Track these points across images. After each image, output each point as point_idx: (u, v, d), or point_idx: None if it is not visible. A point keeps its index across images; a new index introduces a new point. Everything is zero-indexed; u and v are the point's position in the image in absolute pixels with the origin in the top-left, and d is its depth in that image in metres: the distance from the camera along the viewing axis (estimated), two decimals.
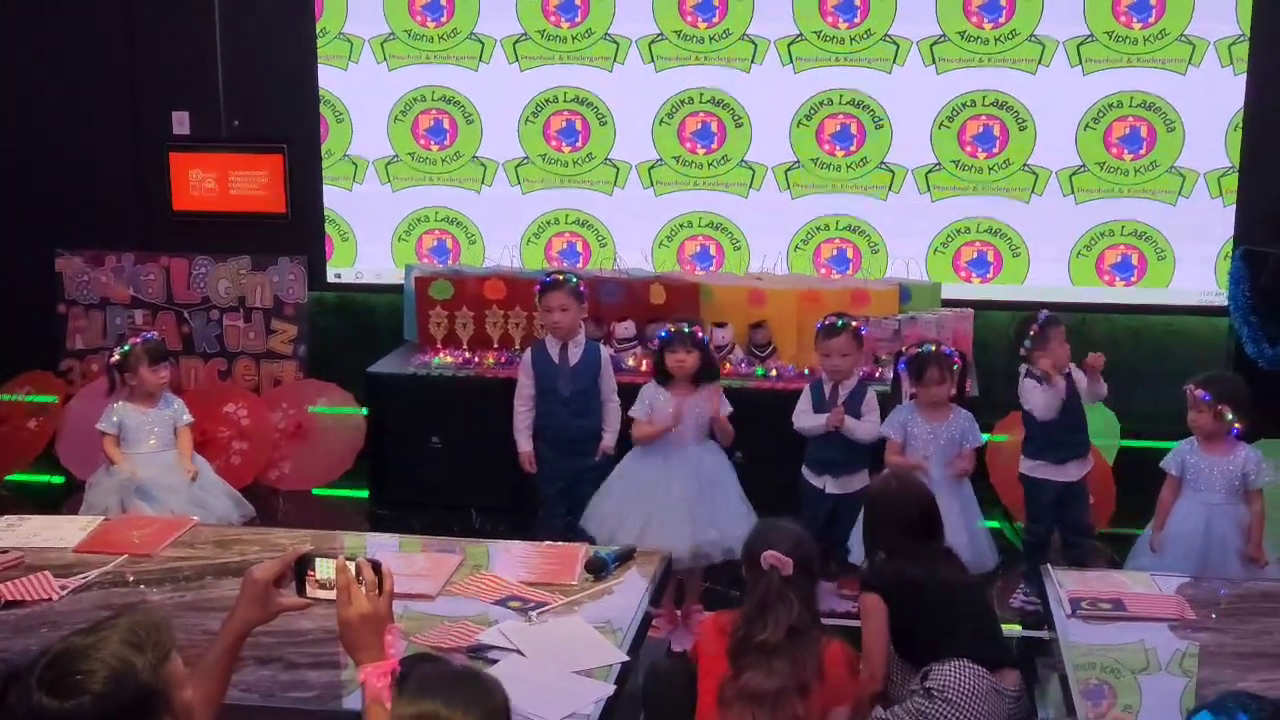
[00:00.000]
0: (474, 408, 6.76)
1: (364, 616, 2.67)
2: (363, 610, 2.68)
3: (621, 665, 3.56)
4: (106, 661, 2.25)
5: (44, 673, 2.24)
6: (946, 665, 3.99)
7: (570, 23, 7.41)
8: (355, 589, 2.70)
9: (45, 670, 2.24)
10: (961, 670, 3.97)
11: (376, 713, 2.57)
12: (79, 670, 2.24)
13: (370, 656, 2.65)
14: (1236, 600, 4.17)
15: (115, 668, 2.25)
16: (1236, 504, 5.02)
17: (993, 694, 3.98)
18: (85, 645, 2.28)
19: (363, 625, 2.67)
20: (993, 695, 3.98)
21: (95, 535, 4.45)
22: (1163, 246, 7.16)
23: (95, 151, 7.79)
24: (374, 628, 2.66)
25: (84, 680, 2.22)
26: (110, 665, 2.24)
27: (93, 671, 2.23)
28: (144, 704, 2.27)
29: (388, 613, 2.72)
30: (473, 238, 7.68)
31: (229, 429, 7.17)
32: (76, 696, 2.21)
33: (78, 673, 2.23)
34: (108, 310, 7.75)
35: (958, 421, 5.47)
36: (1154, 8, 6.97)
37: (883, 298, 6.87)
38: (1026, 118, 7.14)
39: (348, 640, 2.69)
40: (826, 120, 7.29)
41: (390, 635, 2.66)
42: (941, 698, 3.91)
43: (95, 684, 2.22)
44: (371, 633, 2.66)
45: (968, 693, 3.92)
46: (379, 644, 2.64)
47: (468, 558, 4.27)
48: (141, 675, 2.26)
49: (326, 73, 7.62)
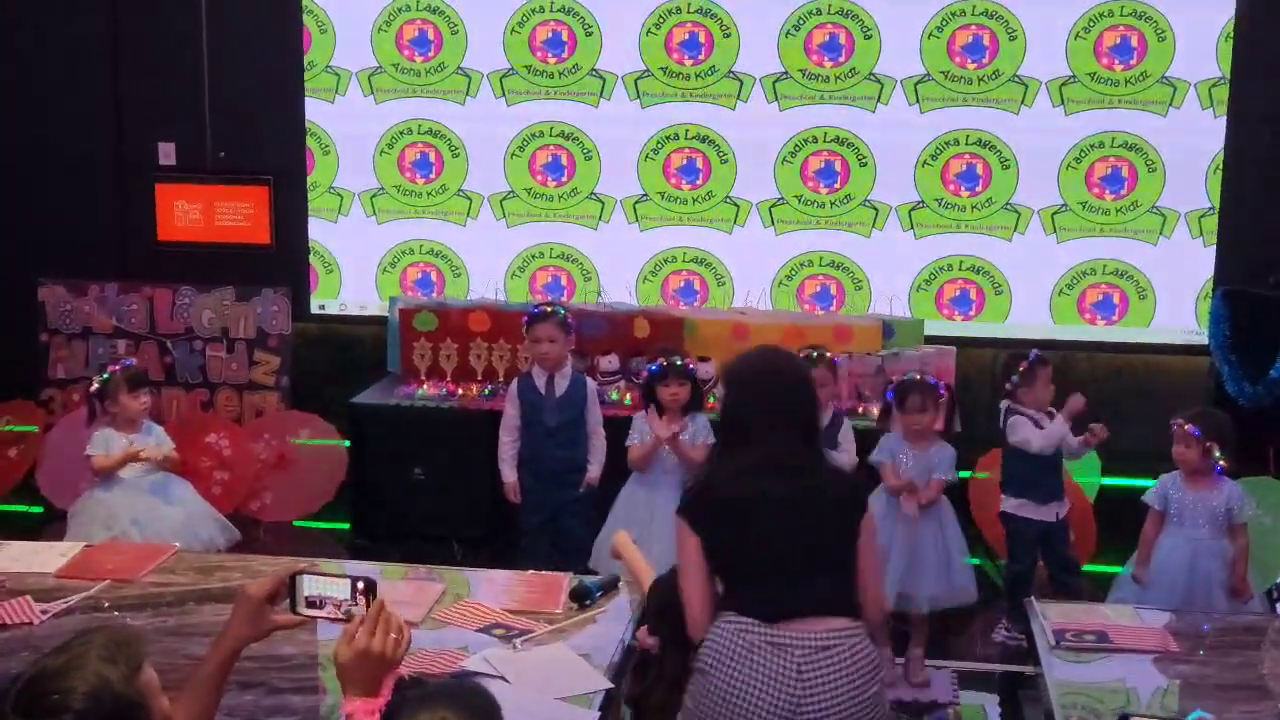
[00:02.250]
0: (457, 440, 6.75)
1: (381, 656, 2.62)
2: (382, 650, 2.63)
3: (605, 693, 3.55)
4: (84, 678, 2.23)
5: (19, 699, 2.22)
6: (718, 625, 3.49)
7: (557, 58, 7.45)
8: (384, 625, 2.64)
9: (20, 696, 2.22)
10: (722, 631, 3.45)
11: None
12: (55, 690, 2.22)
13: (363, 692, 2.61)
14: (1220, 633, 4.17)
15: (92, 684, 2.23)
16: (1220, 539, 5.05)
17: (766, 649, 3.39)
18: (58, 666, 2.26)
19: (375, 663, 2.61)
20: (765, 651, 3.39)
21: (76, 561, 4.41)
22: (1144, 285, 7.21)
23: (80, 181, 7.78)
24: (383, 669, 2.61)
25: (62, 699, 2.21)
26: (88, 682, 2.23)
27: (70, 689, 2.22)
28: (123, 716, 2.25)
29: (398, 662, 2.68)
30: (457, 271, 7.69)
31: (210, 459, 7.14)
32: (58, 716, 2.20)
33: (54, 693, 2.22)
34: (90, 340, 7.72)
35: (938, 454, 5.49)
36: (1135, 50, 7.04)
37: (866, 334, 6.90)
38: (1009, 157, 7.20)
39: (351, 669, 2.61)
40: (811, 157, 7.34)
41: (390, 679, 2.63)
42: (701, 671, 3.48)
43: (75, 701, 2.21)
44: (379, 672, 2.61)
45: (725, 654, 3.43)
46: (379, 685, 2.60)
47: (450, 586, 4.26)
48: (118, 688, 2.25)
49: (313, 105, 7.64)
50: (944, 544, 5.44)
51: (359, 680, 2.60)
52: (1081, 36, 7.05)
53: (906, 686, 5.45)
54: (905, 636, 5.59)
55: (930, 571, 5.42)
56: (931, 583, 5.42)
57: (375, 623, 2.61)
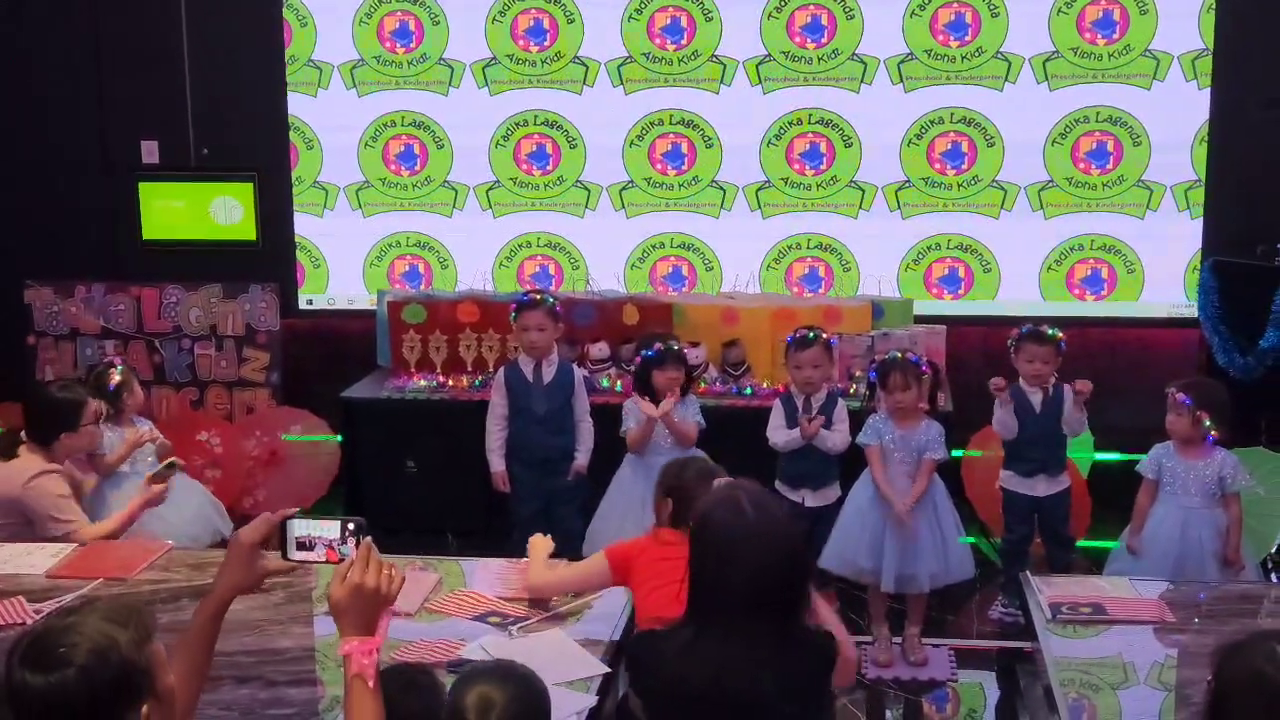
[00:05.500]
0: (448, 431, 6.74)
1: (375, 591, 2.61)
2: (376, 585, 2.62)
3: (603, 677, 3.54)
4: (89, 635, 2.23)
5: (25, 651, 2.23)
6: None
7: (539, 46, 7.43)
8: (376, 563, 2.64)
9: (27, 649, 2.23)
10: None
11: (359, 688, 2.53)
12: (61, 644, 2.22)
13: (358, 631, 2.60)
14: (1216, 602, 4.19)
15: (98, 641, 2.23)
16: (1213, 508, 5.05)
17: None
18: (66, 623, 2.27)
19: (369, 599, 2.59)
20: None
21: (69, 560, 4.41)
22: (1132, 260, 7.21)
23: (64, 181, 7.76)
24: (376, 605, 2.60)
25: (66, 653, 2.21)
26: (92, 639, 2.23)
27: (75, 645, 2.22)
28: (127, 680, 2.24)
29: (393, 598, 2.67)
30: (445, 262, 7.67)
31: (202, 457, 7.11)
32: (60, 669, 2.20)
33: (60, 646, 2.22)
34: (78, 341, 7.69)
35: (926, 432, 5.47)
36: (1118, 24, 7.03)
37: (855, 315, 6.89)
38: (994, 134, 7.19)
39: (345, 606, 2.59)
40: (796, 139, 7.33)
41: (385, 619, 2.62)
42: None
43: (78, 656, 2.21)
44: (373, 608, 2.60)
45: None
46: (373, 622, 2.59)
47: (445, 577, 4.25)
48: (124, 650, 2.24)
49: (296, 99, 7.62)
50: (938, 522, 5.44)
51: (354, 618, 2.59)
52: (1064, 11, 7.04)
53: (904, 665, 5.46)
54: (901, 616, 5.60)
55: (929, 551, 5.42)
56: (930, 561, 5.41)
57: (367, 560, 2.61)
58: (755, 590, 2.86)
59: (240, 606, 3.90)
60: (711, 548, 2.93)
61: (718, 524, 2.95)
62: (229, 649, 3.62)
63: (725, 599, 2.89)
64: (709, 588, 2.92)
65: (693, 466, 4.08)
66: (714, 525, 2.96)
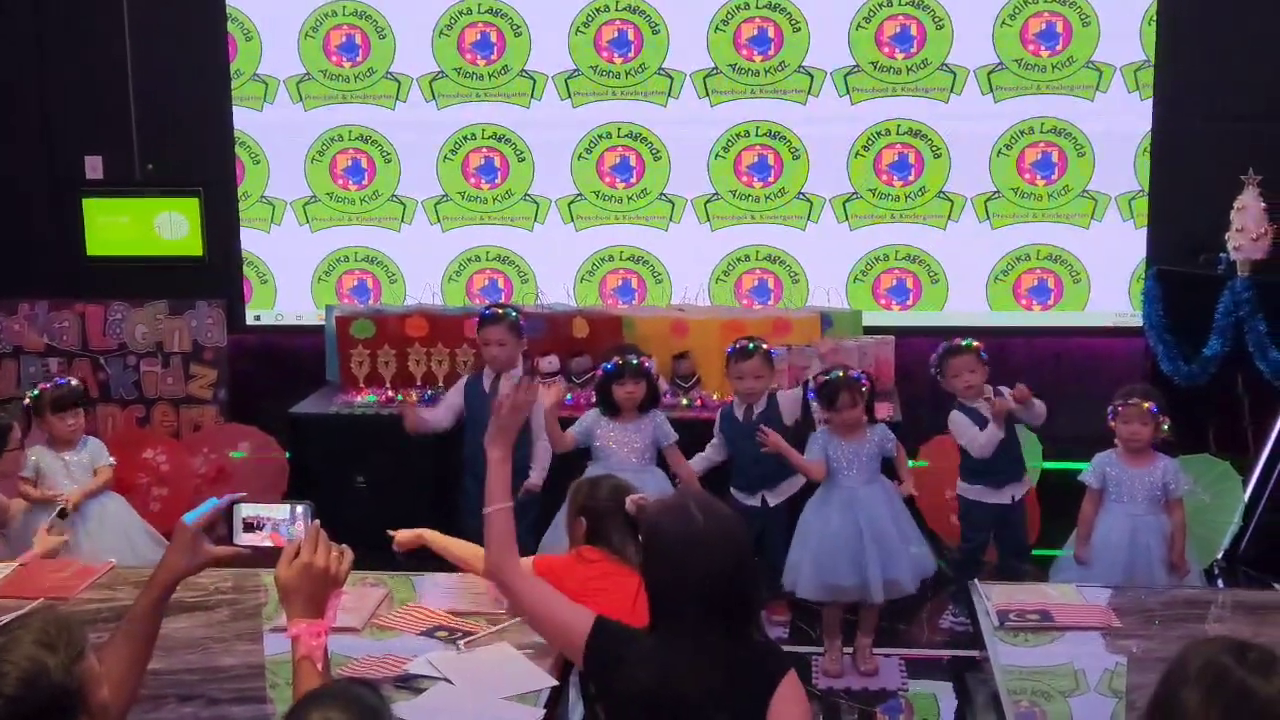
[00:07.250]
0: (398, 446, 6.66)
1: (324, 571, 2.58)
2: (325, 566, 2.59)
3: (550, 690, 3.52)
4: (18, 663, 2.20)
5: None
6: None
7: (486, 60, 7.42)
8: (325, 544, 2.62)
9: None
10: None
11: (307, 669, 2.51)
12: None
13: (306, 613, 2.57)
14: (1162, 608, 4.20)
15: (27, 669, 2.20)
16: (1158, 514, 5.09)
17: None
18: None
19: (317, 580, 2.57)
20: None
21: (10, 580, 4.35)
22: (1077, 269, 7.27)
23: (6, 197, 7.66)
24: (325, 587, 2.58)
25: None
26: (21, 666, 2.20)
27: (3, 674, 2.18)
28: (58, 704, 2.21)
29: (342, 580, 2.64)
30: (393, 277, 7.63)
31: (148, 475, 7.04)
32: None
33: None
34: (21, 359, 7.60)
35: (875, 434, 5.49)
36: (1061, 35, 7.10)
37: (804, 326, 6.91)
38: (940, 145, 7.23)
39: (293, 587, 2.59)
40: (744, 152, 7.34)
41: (335, 601, 2.60)
42: None
43: (7, 686, 2.18)
44: (320, 590, 2.57)
45: None
46: (322, 605, 2.57)
47: (393, 591, 4.22)
48: (54, 675, 2.21)
49: (241, 114, 7.57)
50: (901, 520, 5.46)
51: (302, 599, 2.57)
52: (1007, 24, 7.10)
53: (855, 675, 5.46)
54: (853, 626, 5.60)
55: (903, 551, 5.42)
56: (906, 560, 5.41)
57: (315, 541, 2.58)
58: (706, 595, 2.85)
59: (184, 624, 3.90)
60: (663, 555, 2.93)
61: (667, 531, 2.94)
62: (172, 667, 3.59)
63: (677, 604, 2.89)
64: (660, 595, 2.93)
65: (605, 485, 4.11)
66: (664, 533, 2.95)
